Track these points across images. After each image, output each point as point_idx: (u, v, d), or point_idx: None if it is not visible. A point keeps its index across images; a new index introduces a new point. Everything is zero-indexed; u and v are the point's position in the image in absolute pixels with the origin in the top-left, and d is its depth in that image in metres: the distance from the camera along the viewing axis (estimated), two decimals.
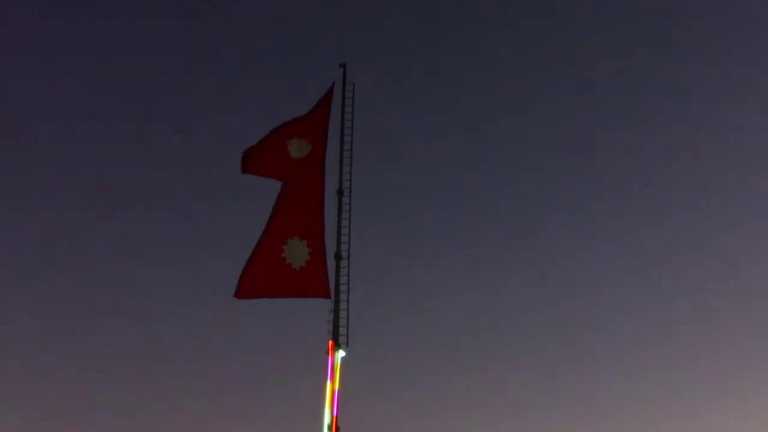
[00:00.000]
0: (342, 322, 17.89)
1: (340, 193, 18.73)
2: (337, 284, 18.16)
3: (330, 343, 17.55)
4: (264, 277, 18.22)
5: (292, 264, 18.28)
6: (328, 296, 18.00)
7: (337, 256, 18.31)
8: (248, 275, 18.00)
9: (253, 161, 18.78)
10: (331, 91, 19.45)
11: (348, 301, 18.21)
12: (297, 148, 18.98)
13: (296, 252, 18.37)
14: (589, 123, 56.55)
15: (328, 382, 17.34)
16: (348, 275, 18.34)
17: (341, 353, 17.59)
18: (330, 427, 17.00)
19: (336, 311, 17.96)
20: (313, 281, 18.24)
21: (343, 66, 19.85)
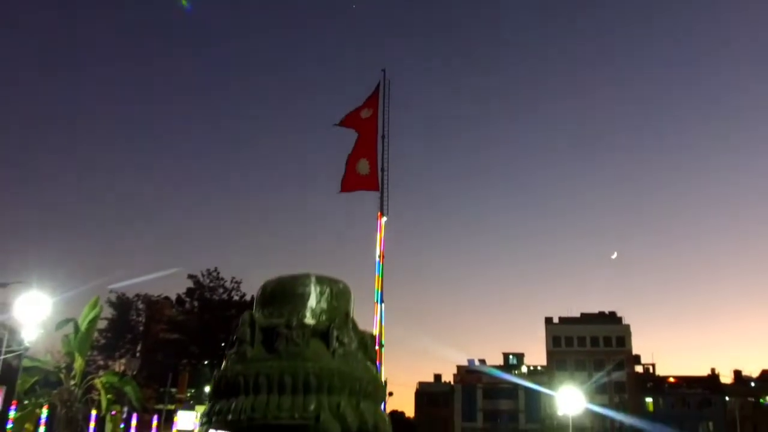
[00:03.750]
0: (384, 202, 23.61)
1: (383, 137, 24.73)
2: (383, 182, 23.94)
3: (378, 213, 23.39)
4: (349, 181, 24.62)
5: (361, 173, 24.57)
6: (377, 189, 23.98)
7: (382, 170, 24.25)
8: (344, 180, 24.54)
9: (343, 122, 25.36)
10: (378, 85, 25.36)
11: (387, 191, 23.92)
12: (365, 113, 25.39)
13: (363, 167, 24.57)
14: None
15: (378, 234, 23.36)
16: (387, 179, 24.11)
17: (384, 219, 23.30)
18: (380, 255, 22.79)
19: (381, 196, 23.71)
20: (371, 181, 24.30)
21: (383, 70, 25.84)
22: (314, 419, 3.68)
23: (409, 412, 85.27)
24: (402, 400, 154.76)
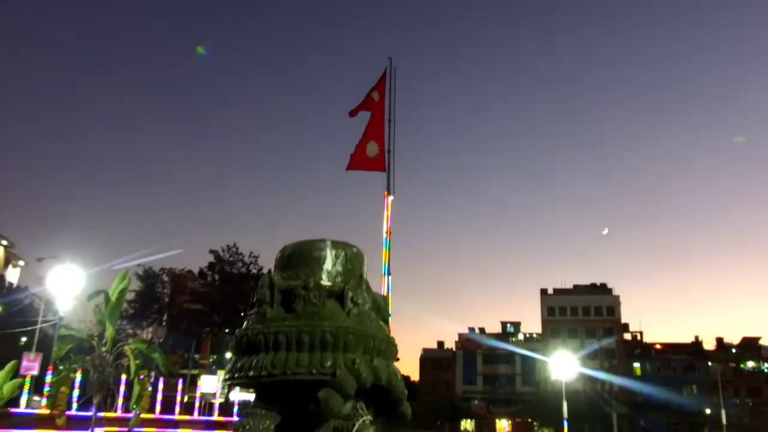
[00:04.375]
0: (391, 182, 23.11)
1: (389, 120, 24.34)
2: (389, 164, 23.70)
3: (386, 192, 22.99)
4: (358, 160, 24.24)
5: (370, 155, 24.20)
6: (384, 170, 23.81)
7: (388, 152, 24.04)
8: (353, 159, 24.12)
9: (359, 108, 24.89)
10: (385, 71, 24.66)
11: (393, 172, 23.34)
12: (375, 97, 24.94)
13: (373, 149, 24.19)
14: None
15: (385, 212, 23.06)
16: (394, 160, 23.53)
17: (391, 198, 22.82)
18: (387, 232, 22.68)
19: (388, 177, 23.14)
20: (379, 163, 24.03)
21: (390, 58, 25.34)
22: (331, 374, 3.66)
23: (414, 376, 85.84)
24: (407, 365, 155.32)
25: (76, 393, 25.44)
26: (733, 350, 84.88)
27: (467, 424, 78.29)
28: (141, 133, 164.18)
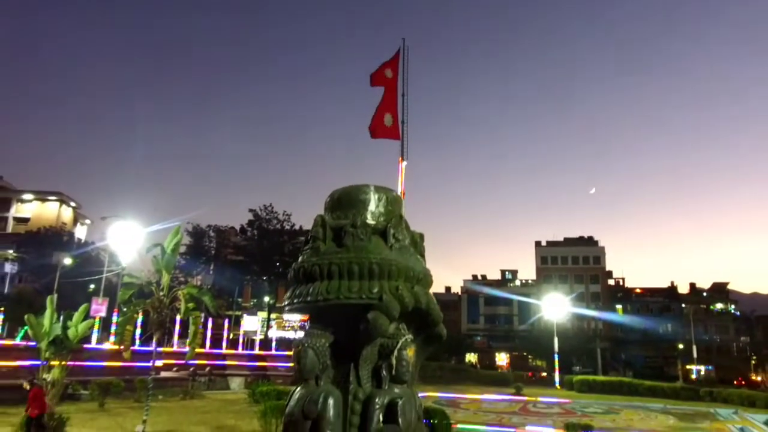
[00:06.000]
0: (405, 149, 22.97)
1: (403, 95, 24.05)
2: (403, 133, 23.53)
3: (400, 159, 22.87)
4: (377, 130, 23.89)
5: (387, 125, 24.00)
6: (399, 139, 23.51)
7: (402, 122, 23.79)
8: (375, 129, 23.28)
9: (372, 80, 24.55)
10: (399, 50, 24.25)
11: (407, 139, 23.16)
12: (388, 73, 24.61)
13: (388, 120, 23.93)
14: None
15: (399, 175, 22.96)
16: (407, 130, 23.35)
17: (404, 163, 22.68)
18: (401, 193, 22.56)
19: (402, 144, 23.04)
20: (394, 132, 23.87)
21: (403, 39, 24.85)
22: (378, 299, 3.78)
23: None
24: None
25: (138, 331, 26.12)
26: (704, 294, 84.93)
27: (471, 357, 79.33)
28: (193, 109, 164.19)
